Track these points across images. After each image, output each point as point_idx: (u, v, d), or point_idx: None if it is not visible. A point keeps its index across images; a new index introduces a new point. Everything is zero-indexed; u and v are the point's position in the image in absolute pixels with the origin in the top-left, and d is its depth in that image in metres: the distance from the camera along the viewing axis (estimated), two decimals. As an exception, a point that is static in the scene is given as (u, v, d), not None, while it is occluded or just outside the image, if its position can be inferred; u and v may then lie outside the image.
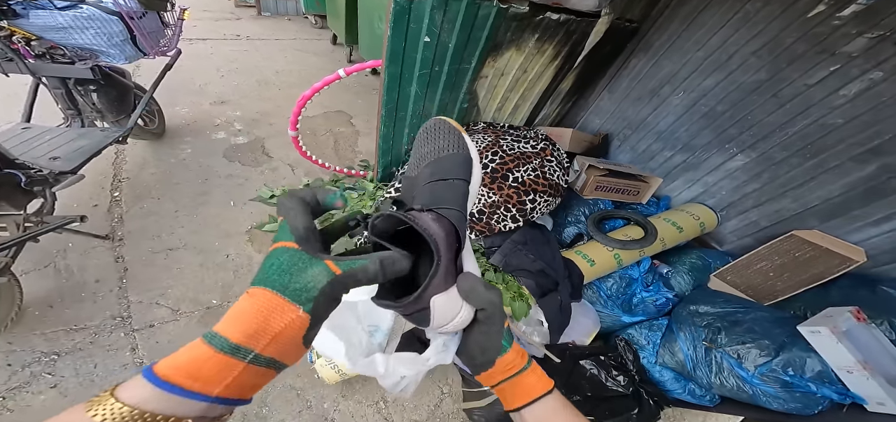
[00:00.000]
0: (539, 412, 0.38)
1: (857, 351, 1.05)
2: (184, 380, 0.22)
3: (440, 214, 0.33)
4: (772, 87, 1.33)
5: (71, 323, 1.35)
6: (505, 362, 0.38)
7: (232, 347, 0.23)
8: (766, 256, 1.43)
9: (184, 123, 2.48)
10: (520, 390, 0.39)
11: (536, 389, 0.39)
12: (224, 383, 0.23)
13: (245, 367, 0.23)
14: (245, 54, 3.75)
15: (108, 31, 1.49)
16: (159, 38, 1.75)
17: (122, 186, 1.87)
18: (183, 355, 0.23)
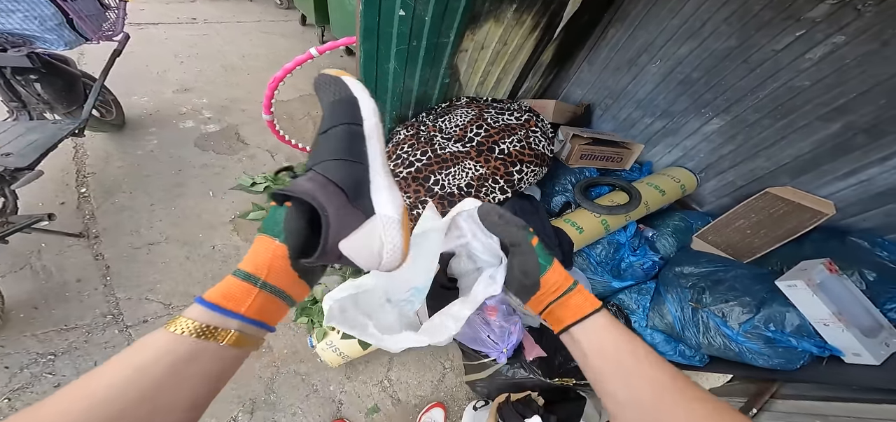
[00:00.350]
0: (589, 329, 0.40)
1: (832, 303, 1.12)
2: (221, 300, 0.32)
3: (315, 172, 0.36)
4: (742, 53, 1.44)
5: (61, 323, 1.37)
6: (550, 283, 0.41)
7: (246, 275, 0.33)
8: (743, 214, 1.56)
9: (145, 113, 2.42)
10: (568, 309, 0.41)
11: (584, 307, 0.41)
12: (246, 303, 0.32)
13: (258, 292, 0.33)
14: (205, 39, 3.63)
15: (37, 13, 1.42)
16: (101, 22, 1.69)
17: (88, 182, 1.84)
18: (221, 284, 0.33)
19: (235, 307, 0.32)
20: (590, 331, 0.40)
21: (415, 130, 1.84)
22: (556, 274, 0.42)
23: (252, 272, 0.33)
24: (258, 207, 1.86)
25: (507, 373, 1.34)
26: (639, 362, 0.36)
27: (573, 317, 0.40)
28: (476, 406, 1.41)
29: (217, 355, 0.31)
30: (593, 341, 0.39)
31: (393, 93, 1.72)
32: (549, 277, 0.41)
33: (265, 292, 0.33)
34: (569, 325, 0.40)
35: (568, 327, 0.41)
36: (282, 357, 1.47)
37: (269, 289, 0.33)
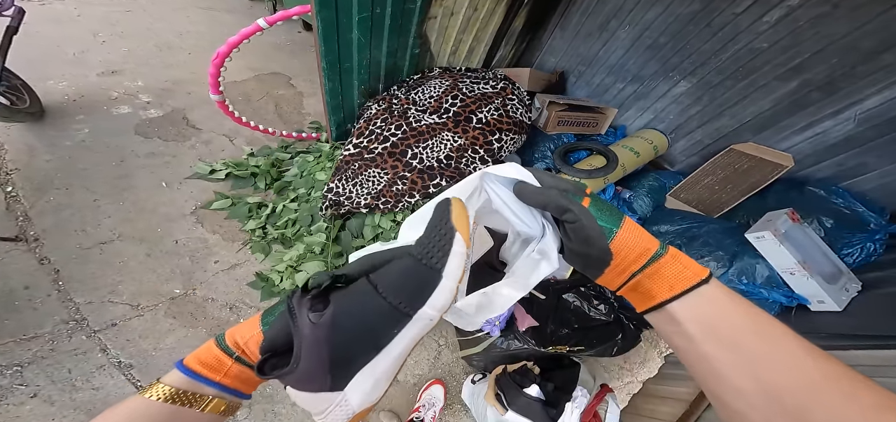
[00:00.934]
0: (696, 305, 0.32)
1: (797, 251, 1.21)
2: (199, 368, 0.35)
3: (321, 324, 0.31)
4: (705, 16, 1.61)
5: (17, 333, 1.34)
6: (627, 249, 0.34)
7: (225, 346, 0.36)
8: (711, 171, 1.73)
9: (68, 100, 2.26)
10: (663, 281, 0.33)
11: (686, 276, 0.32)
12: (223, 372, 0.36)
13: (233, 363, 0.36)
14: (129, 16, 3.37)
15: None
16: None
17: (13, 180, 1.72)
18: (201, 351, 0.36)
19: (211, 375, 0.35)
20: (696, 307, 0.32)
21: (387, 103, 1.89)
22: (632, 235, 0.34)
23: (230, 346, 0.36)
24: (221, 196, 1.83)
25: (502, 345, 1.42)
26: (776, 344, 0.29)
27: (670, 291, 0.32)
28: (474, 380, 1.50)
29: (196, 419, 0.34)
30: (704, 320, 0.31)
31: (359, 65, 1.73)
32: (624, 239, 0.34)
33: (240, 365, 0.36)
34: (665, 300, 0.32)
35: (663, 304, 0.33)
36: None
37: (245, 364, 0.37)
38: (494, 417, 1.25)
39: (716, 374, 0.30)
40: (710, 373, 0.31)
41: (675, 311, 0.32)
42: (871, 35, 1.23)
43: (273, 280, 1.46)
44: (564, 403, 1.19)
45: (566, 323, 1.42)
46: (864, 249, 1.29)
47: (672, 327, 0.33)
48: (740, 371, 0.29)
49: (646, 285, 0.34)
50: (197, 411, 0.34)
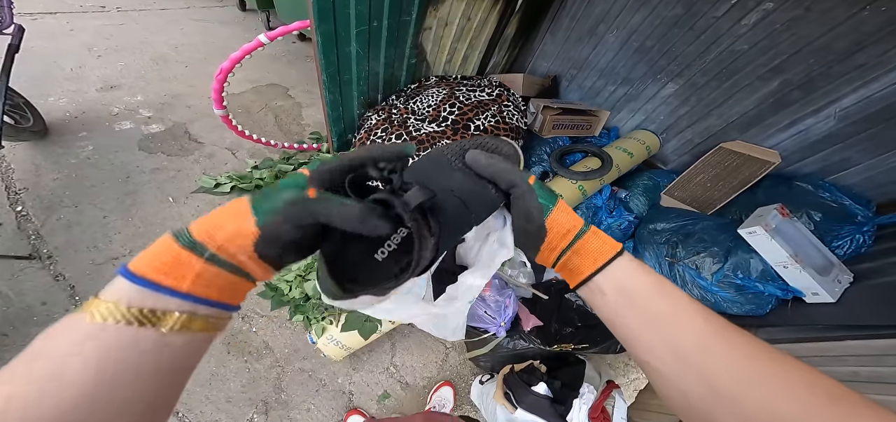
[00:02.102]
0: (614, 276, 0.37)
1: (788, 245, 1.25)
2: (154, 274, 0.25)
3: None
4: (688, 20, 1.69)
5: None
6: (558, 226, 0.38)
7: (190, 241, 0.26)
8: (702, 169, 1.80)
9: (70, 117, 2.32)
10: (586, 256, 0.37)
11: (604, 251, 0.37)
12: (188, 279, 0.26)
13: (204, 264, 0.26)
14: (122, 29, 3.44)
15: None
16: None
17: (22, 199, 1.78)
18: (151, 249, 0.26)
19: (174, 284, 0.26)
20: (615, 278, 0.36)
21: (386, 113, 1.96)
22: (563, 214, 0.38)
23: (198, 239, 0.27)
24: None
25: (508, 345, 1.48)
26: (676, 305, 0.34)
27: (593, 265, 0.37)
28: (482, 380, 1.57)
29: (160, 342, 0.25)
30: (621, 288, 0.36)
31: (358, 76, 1.79)
32: (556, 217, 0.38)
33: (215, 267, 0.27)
34: (591, 274, 0.37)
35: (589, 277, 0.37)
36: (284, 357, 1.58)
37: (222, 264, 0.27)
38: (504, 415, 1.31)
39: (635, 336, 0.35)
40: (631, 336, 0.35)
41: (600, 283, 0.37)
42: (844, 36, 1.31)
43: (282, 290, 1.52)
44: (572, 399, 1.25)
45: (569, 322, 1.48)
46: (853, 241, 1.34)
47: (599, 298, 0.37)
48: (651, 332, 0.34)
49: (574, 262, 0.38)
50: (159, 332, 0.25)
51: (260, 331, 1.65)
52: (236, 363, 1.54)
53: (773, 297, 1.33)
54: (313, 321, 1.45)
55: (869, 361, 1.08)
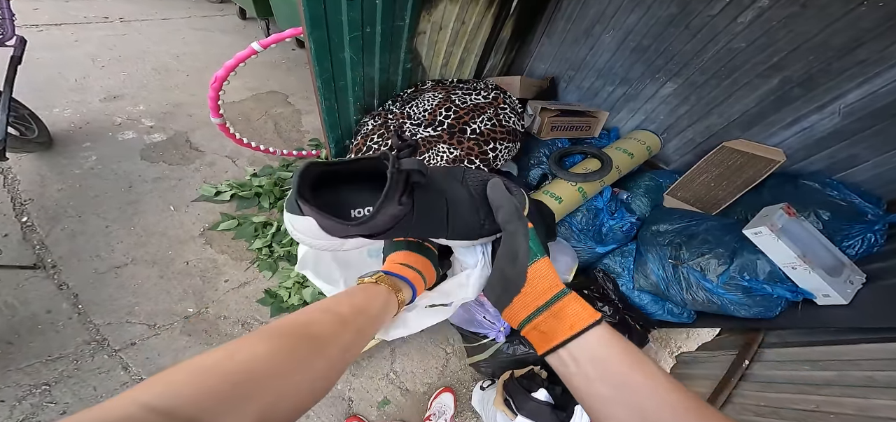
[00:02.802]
0: (590, 346, 0.35)
1: (796, 246, 1.21)
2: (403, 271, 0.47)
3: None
4: (683, 19, 1.67)
5: (43, 355, 1.43)
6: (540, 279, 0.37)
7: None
8: (705, 168, 1.77)
9: (74, 127, 2.37)
10: (563, 320, 0.36)
11: (583, 317, 0.36)
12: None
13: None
14: (125, 39, 3.51)
15: None
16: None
17: (27, 210, 1.82)
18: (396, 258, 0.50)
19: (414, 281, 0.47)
20: (590, 347, 0.35)
21: (382, 119, 1.97)
22: (547, 270, 0.38)
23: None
24: (228, 217, 1.92)
25: (508, 351, 1.48)
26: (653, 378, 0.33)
27: (570, 330, 0.35)
28: (483, 386, 1.56)
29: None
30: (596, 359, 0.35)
31: (353, 83, 1.79)
32: (539, 269, 0.38)
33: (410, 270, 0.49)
34: (566, 340, 0.35)
35: (564, 343, 0.35)
36: None
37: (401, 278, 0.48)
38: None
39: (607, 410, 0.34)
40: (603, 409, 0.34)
41: (574, 351, 0.35)
42: (842, 32, 1.29)
43: (282, 296, 1.55)
44: (573, 406, 1.24)
45: (571, 328, 1.48)
46: (864, 240, 1.29)
47: (572, 367, 0.36)
48: (624, 407, 0.33)
49: (549, 324, 0.37)
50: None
51: None
52: None
53: (782, 299, 1.29)
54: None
55: (885, 365, 1.05)
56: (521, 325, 0.39)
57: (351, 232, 0.38)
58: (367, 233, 0.39)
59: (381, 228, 0.39)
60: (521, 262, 0.37)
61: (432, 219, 0.41)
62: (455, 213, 0.42)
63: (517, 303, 0.38)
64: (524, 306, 0.38)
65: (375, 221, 0.37)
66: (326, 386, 0.31)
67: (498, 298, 0.40)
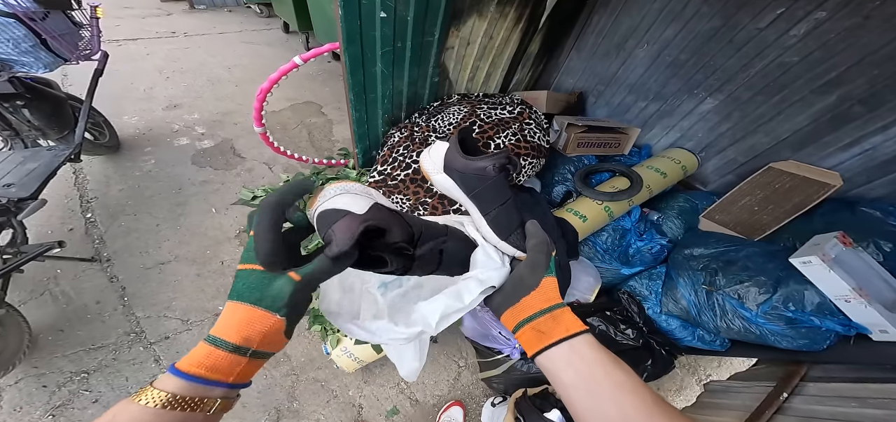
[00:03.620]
0: (582, 347, 0.40)
1: (850, 278, 1.11)
2: (206, 373, 0.34)
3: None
4: (727, 33, 1.55)
5: (87, 343, 1.55)
6: (547, 288, 0.43)
7: (234, 347, 0.35)
8: (748, 190, 1.63)
9: (138, 133, 2.60)
10: (559, 324, 0.42)
11: (577, 324, 0.42)
12: (235, 372, 0.35)
13: (248, 360, 0.36)
14: (187, 52, 3.81)
15: (9, 36, 1.49)
16: (76, 41, 1.75)
17: (92, 207, 2.02)
18: (199, 355, 0.35)
19: (223, 377, 0.35)
20: (580, 348, 0.40)
21: (409, 131, 1.98)
22: (554, 283, 0.44)
23: (240, 344, 0.35)
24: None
25: (522, 368, 1.44)
26: (631, 377, 0.39)
27: (566, 331, 0.41)
28: (494, 403, 1.52)
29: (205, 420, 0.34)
30: (585, 357, 0.40)
31: (383, 95, 1.83)
32: (548, 281, 0.44)
33: (254, 359, 0.36)
34: (559, 340, 0.41)
35: (557, 342, 0.41)
36: (300, 365, 1.63)
37: (259, 355, 0.37)
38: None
39: (593, 404, 0.38)
40: (588, 404, 0.39)
41: (566, 349, 0.41)
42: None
43: (303, 300, 1.60)
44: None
45: (592, 347, 1.40)
46: None
47: (562, 363, 0.41)
48: (610, 401, 0.38)
49: (548, 325, 0.42)
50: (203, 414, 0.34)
51: None
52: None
53: (831, 332, 1.17)
54: (330, 332, 1.49)
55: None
56: (521, 323, 0.43)
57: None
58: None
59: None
60: (539, 273, 0.44)
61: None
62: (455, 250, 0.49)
63: (525, 302, 0.43)
64: (530, 306, 0.43)
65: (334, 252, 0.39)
66: None
67: (505, 297, 0.46)
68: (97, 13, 1.84)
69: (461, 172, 0.54)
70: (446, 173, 0.57)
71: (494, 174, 0.51)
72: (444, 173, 0.58)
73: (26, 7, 1.50)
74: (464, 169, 0.53)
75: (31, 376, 1.47)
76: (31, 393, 1.44)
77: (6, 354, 1.36)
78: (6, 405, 1.41)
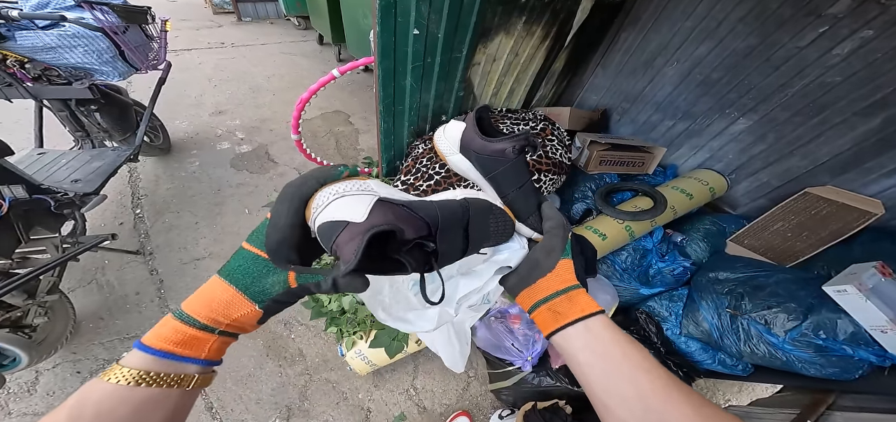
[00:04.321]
0: (598, 327, 0.40)
1: (888, 308, 1.07)
2: (175, 348, 0.33)
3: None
4: (764, 51, 1.47)
5: (123, 333, 1.64)
6: (562, 270, 0.43)
7: (202, 326, 0.34)
8: (782, 216, 1.54)
9: (187, 137, 2.77)
10: (576, 304, 0.41)
11: (592, 305, 0.41)
12: (206, 349, 0.34)
13: (216, 338, 0.35)
14: (233, 62, 4.04)
15: (95, 48, 1.61)
16: (147, 52, 1.88)
17: (141, 203, 2.17)
18: (164, 330, 0.34)
19: (194, 354, 0.34)
20: (595, 328, 0.40)
21: (432, 143, 2.00)
22: (570, 266, 0.44)
23: (209, 323, 0.34)
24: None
25: (533, 381, 1.41)
26: (646, 357, 0.38)
27: (581, 312, 0.40)
28: (502, 415, 1.50)
29: (179, 399, 0.33)
30: (601, 337, 0.39)
31: (410, 108, 1.87)
32: (564, 263, 0.43)
33: (223, 337, 0.35)
34: (575, 320, 0.40)
35: (573, 322, 0.40)
36: (314, 365, 1.66)
37: (227, 334, 0.36)
38: (521, 456, 1.23)
39: (608, 383, 0.38)
40: (604, 383, 0.38)
41: (581, 330, 0.40)
42: None
43: (322, 301, 1.62)
44: None
45: (606, 366, 1.36)
46: None
47: (578, 342, 0.40)
48: (626, 380, 0.37)
49: (564, 306, 0.42)
50: (181, 390, 0.33)
51: (297, 338, 1.75)
52: (271, 366, 1.65)
53: (865, 362, 1.12)
54: (345, 334, 1.51)
55: None
56: (537, 304, 0.43)
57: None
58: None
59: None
60: (555, 255, 0.43)
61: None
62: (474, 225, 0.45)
63: (541, 283, 0.43)
64: (546, 288, 0.43)
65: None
66: None
67: (521, 279, 0.45)
68: (166, 27, 1.98)
69: (478, 154, 0.52)
70: (463, 154, 0.55)
71: (513, 156, 0.49)
72: (460, 154, 0.56)
73: (112, 22, 1.63)
74: (481, 150, 0.51)
75: (68, 362, 1.55)
76: (65, 379, 1.51)
77: (51, 338, 1.44)
78: (41, 389, 1.48)
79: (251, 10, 5.57)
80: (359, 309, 1.51)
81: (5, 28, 1.48)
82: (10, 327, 1.30)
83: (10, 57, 1.53)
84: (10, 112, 2.27)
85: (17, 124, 2.48)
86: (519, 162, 0.50)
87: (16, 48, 1.52)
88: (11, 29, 1.49)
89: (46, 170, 1.67)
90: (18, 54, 1.54)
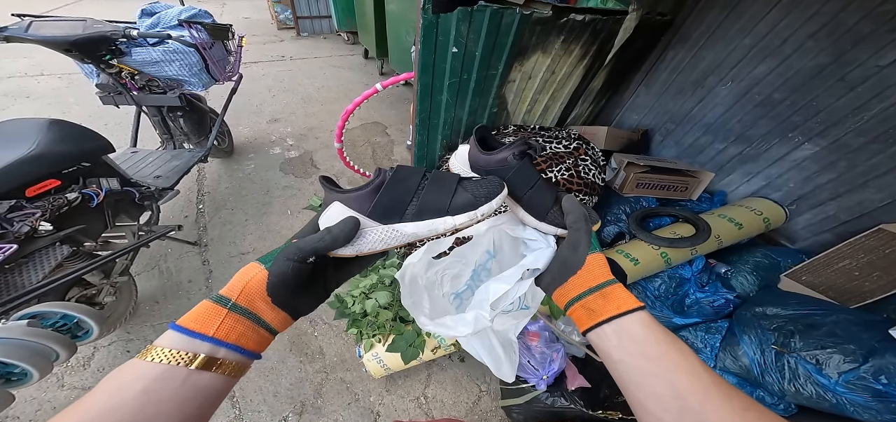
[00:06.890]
0: (634, 324, 0.38)
1: None
2: (191, 324, 0.33)
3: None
4: (837, 70, 1.31)
5: (173, 316, 1.76)
6: (595, 265, 0.41)
7: (218, 297, 0.34)
8: (850, 253, 1.37)
9: (246, 142, 3.01)
10: (611, 301, 0.39)
11: (629, 301, 0.39)
12: (215, 325, 0.33)
13: (227, 313, 0.33)
14: (290, 74, 4.33)
15: (188, 61, 1.81)
16: (225, 65, 2.07)
17: (204, 200, 2.38)
18: (195, 308, 0.34)
19: (203, 329, 0.32)
20: (633, 326, 0.38)
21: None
22: (600, 260, 0.42)
23: (224, 294, 0.34)
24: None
25: (546, 401, 1.36)
26: (689, 360, 0.35)
27: (617, 309, 0.38)
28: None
29: (189, 380, 0.31)
30: (638, 337, 0.37)
31: (444, 122, 1.89)
32: (595, 258, 0.41)
33: (235, 314, 0.34)
34: (611, 316, 0.38)
35: (610, 319, 0.38)
36: (332, 364, 1.70)
37: (239, 310, 0.34)
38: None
39: (644, 381, 0.36)
40: (639, 381, 0.36)
41: (618, 328, 0.38)
42: None
43: (347, 302, 1.65)
44: None
45: (624, 389, 1.28)
46: None
47: (614, 340, 0.38)
48: (661, 379, 0.35)
49: (598, 303, 0.40)
50: (190, 369, 0.31)
51: (320, 336, 1.79)
52: (293, 361, 1.69)
53: None
54: (365, 336, 1.52)
55: None
56: (571, 302, 0.42)
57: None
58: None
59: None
60: (581, 250, 0.42)
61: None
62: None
63: (572, 281, 0.42)
64: (578, 286, 0.41)
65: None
66: None
67: (553, 278, 0.44)
68: (242, 43, 2.19)
69: (484, 168, 0.54)
70: (473, 172, 0.57)
71: (516, 162, 0.51)
72: (472, 172, 0.58)
73: (203, 39, 1.84)
74: (486, 165, 0.53)
75: (122, 341, 1.65)
76: (116, 356, 1.60)
77: (114, 316, 1.55)
78: (94, 365, 1.57)
79: (309, 25, 6.00)
80: (380, 313, 1.53)
81: (125, 45, 1.72)
82: (86, 302, 1.45)
83: (125, 69, 1.79)
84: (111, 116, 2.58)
85: (119, 126, 2.84)
86: (523, 165, 0.51)
87: (130, 62, 1.77)
88: (129, 46, 1.74)
89: (136, 166, 1.90)
90: (131, 68, 1.79)
